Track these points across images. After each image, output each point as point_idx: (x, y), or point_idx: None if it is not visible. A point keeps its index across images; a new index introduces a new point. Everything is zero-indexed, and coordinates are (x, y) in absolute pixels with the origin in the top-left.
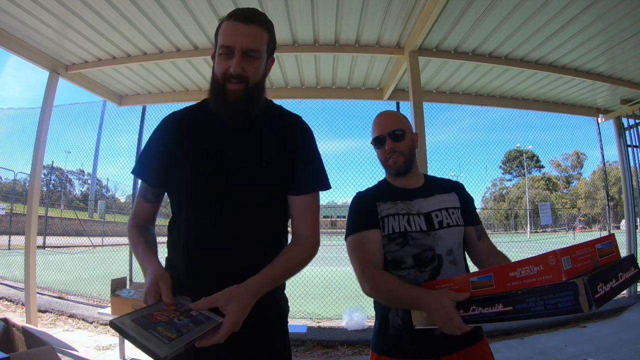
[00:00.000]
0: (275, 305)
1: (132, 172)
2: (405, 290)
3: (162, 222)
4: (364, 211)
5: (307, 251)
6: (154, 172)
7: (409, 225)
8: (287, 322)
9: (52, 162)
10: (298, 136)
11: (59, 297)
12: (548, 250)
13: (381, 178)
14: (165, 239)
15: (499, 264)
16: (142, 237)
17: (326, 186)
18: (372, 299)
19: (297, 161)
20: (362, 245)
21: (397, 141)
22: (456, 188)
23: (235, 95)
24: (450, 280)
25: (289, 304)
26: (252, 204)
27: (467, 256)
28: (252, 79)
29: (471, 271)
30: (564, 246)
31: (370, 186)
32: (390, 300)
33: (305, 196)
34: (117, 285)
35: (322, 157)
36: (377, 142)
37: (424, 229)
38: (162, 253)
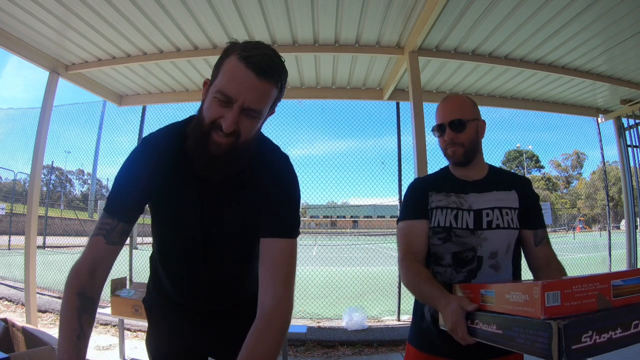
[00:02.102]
0: None
1: (107, 211)
2: (429, 288)
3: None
4: (416, 200)
5: (279, 329)
6: (132, 207)
7: (456, 221)
8: None
9: (52, 162)
10: (273, 182)
11: (59, 297)
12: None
13: (383, 178)
14: (147, 238)
15: (549, 275)
16: (76, 322)
17: (291, 233)
18: (374, 300)
19: (268, 204)
20: (408, 234)
21: (457, 132)
22: (520, 186)
23: (219, 149)
24: (471, 286)
25: None
26: (234, 256)
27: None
28: (244, 136)
29: (523, 279)
30: (554, 279)
31: (430, 172)
32: (415, 294)
33: (277, 241)
34: (117, 285)
35: (297, 203)
36: (438, 130)
37: (470, 227)
38: (146, 251)
